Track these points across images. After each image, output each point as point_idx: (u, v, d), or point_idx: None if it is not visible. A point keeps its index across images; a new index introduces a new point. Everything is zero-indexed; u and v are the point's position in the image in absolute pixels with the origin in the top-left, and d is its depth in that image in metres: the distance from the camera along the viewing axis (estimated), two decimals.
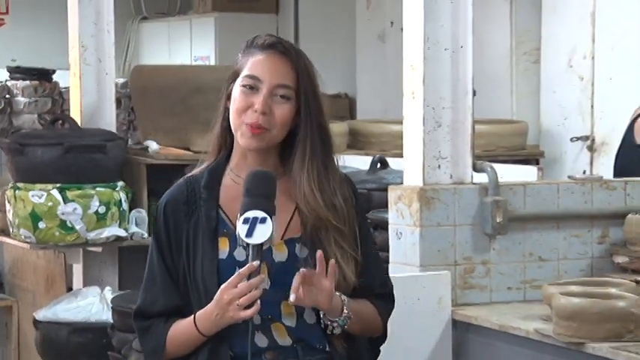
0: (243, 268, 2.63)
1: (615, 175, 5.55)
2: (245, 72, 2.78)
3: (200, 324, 2.71)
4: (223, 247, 2.78)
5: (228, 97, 2.82)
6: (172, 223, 2.82)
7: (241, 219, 2.64)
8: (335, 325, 2.74)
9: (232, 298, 2.63)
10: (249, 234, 2.61)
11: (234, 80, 2.81)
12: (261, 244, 2.63)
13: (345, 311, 2.73)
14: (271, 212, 2.64)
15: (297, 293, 2.62)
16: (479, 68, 4.60)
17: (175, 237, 2.81)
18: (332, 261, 2.67)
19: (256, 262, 2.62)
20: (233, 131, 2.80)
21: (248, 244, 2.63)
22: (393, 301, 2.95)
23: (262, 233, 2.61)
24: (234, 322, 2.67)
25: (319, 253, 2.67)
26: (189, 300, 2.78)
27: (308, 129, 2.78)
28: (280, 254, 2.77)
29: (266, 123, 2.73)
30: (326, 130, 2.83)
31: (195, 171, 2.89)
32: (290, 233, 2.79)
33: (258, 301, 2.63)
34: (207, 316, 2.70)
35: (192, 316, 2.73)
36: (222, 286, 2.65)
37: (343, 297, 2.74)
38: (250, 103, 2.74)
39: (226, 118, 2.83)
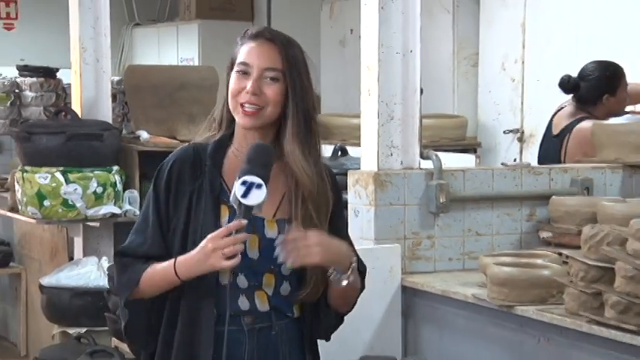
0: (232, 222, 2.59)
1: (539, 162, 5.56)
2: (238, 59, 2.74)
3: (179, 266, 2.64)
4: (224, 215, 2.72)
5: (228, 83, 2.78)
6: (176, 180, 2.75)
7: (240, 180, 2.59)
8: (344, 277, 2.70)
9: (217, 247, 2.57)
10: (245, 195, 2.57)
11: (231, 68, 2.77)
12: (252, 207, 2.58)
13: (353, 264, 2.72)
14: (266, 181, 2.60)
15: (286, 256, 2.59)
16: (425, 70, 4.57)
17: (176, 194, 2.74)
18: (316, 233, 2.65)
19: (244, 220, 2.58)
20: (232, 112, 2.75)
21: (240, 204, 2.58)
22: (365, 266, 2.89)
23: (256, 197, 2.57)
24: (212, 270, 2.61)
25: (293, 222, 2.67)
26: (171, 253, 2.71)
27: (293, 107, 2.73)
28: (271, 231, 2.72)
29: (258, 102, 2.69)
30: (310, 114, 2.78)
31: (200, 140, 2.84)
32: (280, 214, 2.75)
33: (239, 256, 2.58)
34: (187, 261, 2.64)
35: (173, 259, 2.66)
36: (209, 236, 2.59)
37: (353, 252, 2.76)
38: (243, 86, 2.70)
39: (228, 101, 2.78)
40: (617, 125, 5.11)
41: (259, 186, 2.59)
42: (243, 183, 2.58)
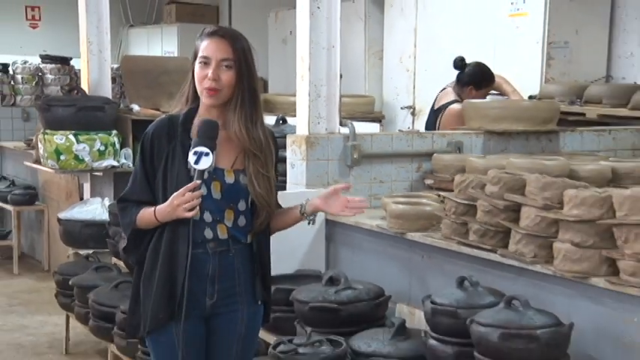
0: (189, 184, 2.61)
1: (426, 128, 5.60)
2: (199, 53, 2.70)
3: (157, 214, 2.67)
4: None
5: (193, 69, 2.74)
6: (157, 144, 2.72)
7: (192, 151, 2.61)
8: (313, 217, 2.87)
9: (179, 203, 2.61)
10: (196, 162, 2.60)
11: (195, 59, 2.72)
12: (203, 170, 2.61)
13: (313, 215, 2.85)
14: (213, 149, 2.61)
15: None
16: (344, 61, 4.58)
17: (157, 154, 2.72)
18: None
19: (198, 181, 2.61)
20: (199, 94, 2.72)
21: (194, 169, 2.61)
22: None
23: (205, 163, 2.61)
24: (178, 218, 2.63)
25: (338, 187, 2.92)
26: (157, 197, 2.71)
27: (240, 87, 2.71)
28: (229, 178, 2.71)
29: (217, 86, 2.66)
30: (256, 92, 2.77)
31: (174, 112, 2.80)
32: (236, 166, 2.73)
33: (198, 207, 2.61)
34: (162, 210, 2.66)
35: (154, 208, 2.68)
36: (174, 194, 2.62)
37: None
38: (205, 74, 2.67)
39: (193, 83, 2.75)
40: (481, 103, 5.18)
41: (207, 154, 2.62)
42: (195, 153, 2.62)
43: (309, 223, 2.86)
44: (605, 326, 2.84)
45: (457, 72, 5.46)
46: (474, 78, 5.40)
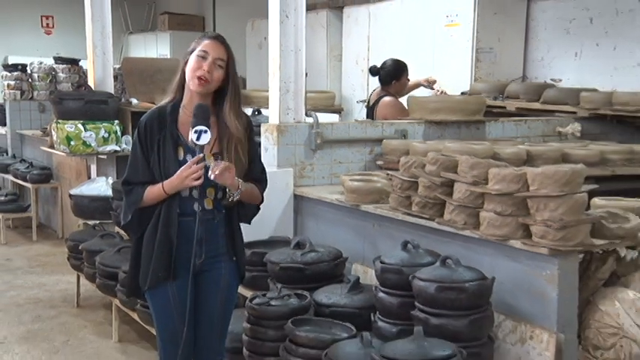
0: (194, 158, 2.61)
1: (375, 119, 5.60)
2: (200, 48, 2.67)
3: (165, 186, 2.64)
4: (180, 152, 2.70)
5: (185, 65, 2.70)
6: (149, 131, 2.69)
7: (193, 130, 2.60)
8: (235, 194, 2.70)
9: (188, 173, 2.60)
10: (198, 139, 2.59)
11: (190, 54, 2.69)
12: (204, 145, 2.60)
13: (241, 187, 2.70)
14: (209, 127, 2.61)
15: (214, 175, 2.59)
16: (309, 62, 4.55)
17: (150, 140, 2.68)
18: (228, 163, 2.64)
19: (201, 155, 2.61)
20: (187, 82, 2.69)
21: (196, 145, 2.60)
22: (266, 182, 2.90)
23: (205, 138, 2.61)
24: (187, 187, 2.64)
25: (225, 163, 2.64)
26: (155, 177, 2.68)
27: (231, 86, 2.71)
28: (209, 162, 2.67)
29: (208, 77, 2.64)
30: (239, 89, 2.77)
31: (162, 104, 2.76)
32: (214, 150, 2.70)
33: (203, 177, 2.61)
34: (171, 182, 2.64)
35: (161, 183, 2.65)
36: (182, 167, 2.62)
37: (240, 180, 2.70)
38: (201, 65, 2.65)
39: (182, 77, 2.71)
40: (422, 98, 5.19)
41: (205, 131, 2.60)
42: (195, 131, 2.59)
43: (229, 198, 2.75)
44: (520, 279, 2.87)
45: (377, 77, 5.43)
46: (392, 73, 5.35)
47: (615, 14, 5.60)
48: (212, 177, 2.60)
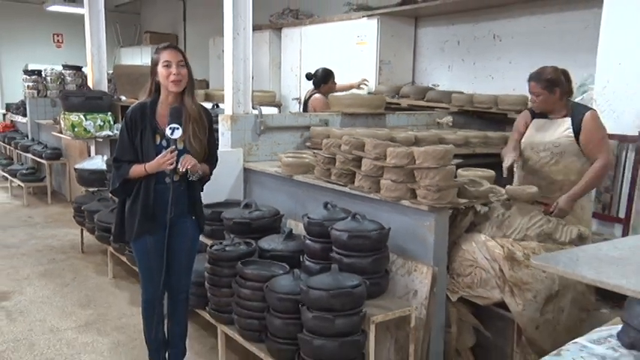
0: (168, 149, 2.51)
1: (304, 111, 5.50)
2: (162, 59, 2.53)
3: (147, 167, 2.52)
4: (157, 139, 2.56)
5: (153, 72, 2.56)
6: (134, 121, 2.55)
7: (168, 127, 2.49)
8: (194, 176, 2.60)
9: (164, 160, 2.50)
10: (172, 134, 2.49)
11: (156, 65, 2.54)
12: (176, 139, 2.50)
13: (199, 172, 2.60)
14: (181, 124, 2.49)
15: (183, 168, 2.52)
16: (255, 69, 4.44)
17: (134, 128, 2.54)
18: (193, 161, 2.55)
19: (173, 147, 2.51)
20: (164, 86, 2.54)
21: (171, 139, 2.49)
22: (216, 164, 2.76)
23: (177, 133, 2.51)
24: (163, 170, 2.52)
25: (191, 159, 2.54)
26: (138, 156, 2.54)
27: (190, 79, 2.58)
28: (180, 145, 2.56)
29: (180, 77, 2.51)
30: (194, 80, 2.62)
31: (143, 100, 2.60)
32: (183, 137, 2.57)
33: (174, 163, 2.50)
34: (151, 165, 2.52)
35: (144, 165, 2.52)
36: (159, 156, 2.51)
37: (198, 165, 2.60)
38: (169, 72, 2.51)
39: (154, 81, 2.57)
40: (340, 96, 5.07)
41: (178, 128, 2.50)
42: (170, 128, 2.50)
43: (189, 177, 2.62)
44: (408, 228, 2.84)
45: (310, 81, 5.35)
46: (322, 78, 5.28)
47: (474, 39, 5.72)
48: (182, 169, 2.52)
